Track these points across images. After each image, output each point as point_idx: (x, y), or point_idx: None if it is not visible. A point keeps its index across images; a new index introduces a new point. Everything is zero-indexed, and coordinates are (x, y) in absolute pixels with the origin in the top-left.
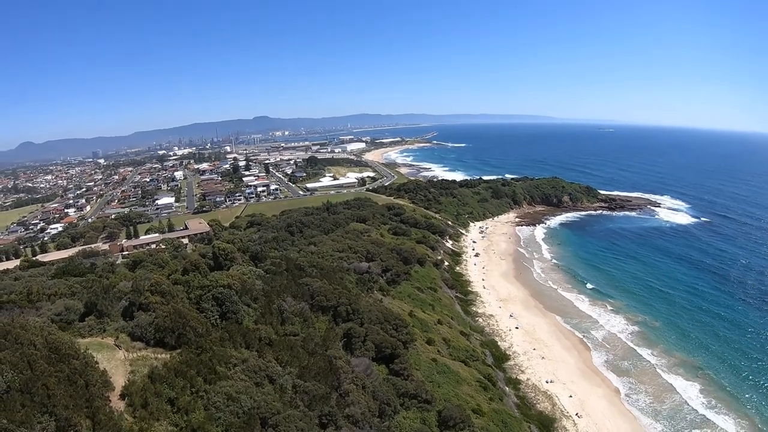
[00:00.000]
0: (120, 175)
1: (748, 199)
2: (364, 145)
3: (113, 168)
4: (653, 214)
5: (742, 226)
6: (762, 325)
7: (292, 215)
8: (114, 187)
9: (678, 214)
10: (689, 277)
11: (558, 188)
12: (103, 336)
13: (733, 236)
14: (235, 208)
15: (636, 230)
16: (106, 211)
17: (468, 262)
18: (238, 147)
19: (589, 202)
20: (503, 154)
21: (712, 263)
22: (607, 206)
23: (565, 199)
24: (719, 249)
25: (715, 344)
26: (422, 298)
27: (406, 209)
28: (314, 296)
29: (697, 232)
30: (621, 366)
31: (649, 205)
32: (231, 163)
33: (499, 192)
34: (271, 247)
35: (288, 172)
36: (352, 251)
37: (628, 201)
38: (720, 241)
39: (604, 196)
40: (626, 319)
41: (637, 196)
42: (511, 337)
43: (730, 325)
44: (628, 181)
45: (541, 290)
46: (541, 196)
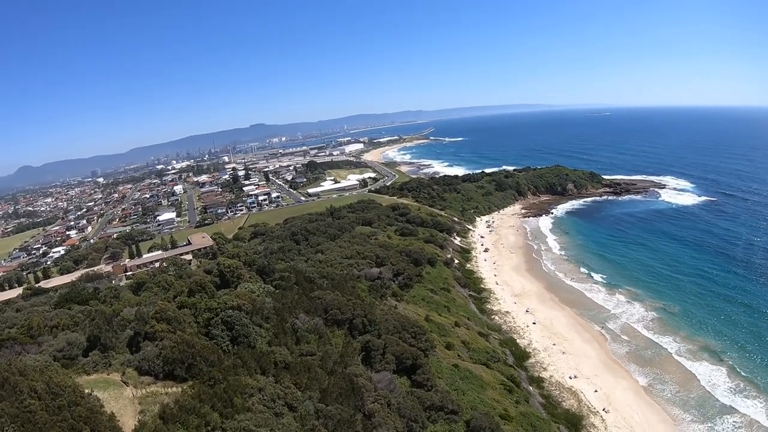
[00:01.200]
0: (119, 193)
1: (750, 176)
2: (362, 146)
3: (112, 186)
4: (659, 196)
5: (747, 203)
6: None
7: (295, 223)
8: (114, 206)
9: (683, 195)
10: (701, 260)
11: (561, 176)
12: (109, 372)
13: (741, 215)
14: (237, 219)
15: (643, 214)
16: (107, 230)
17: (478, 258)
18: (236, 156)
19: (594, 188)
20: (502, 145)
21: (722, 244)
22: (612, 191)
23: (570, 186)
24: (728, 229)
25: (736, 327)
26: (436, 301)
27: (411, 208)
28: (328, 310)
29: (705, 212)
30: (644, 356)
31: (654, 188)
32: (230, 174)
33: (503, 184)
34: (278, 258)
35: (288, 178)
36: (361, 257)
37: (633, 184)
38: (728, 221)
39: (608, 180)
40: (643, 306)
41: (640, 179)
42: (529, 333)
43: (748, 307)
44: (629, 164)
45: (555, 282)
46: (545, 186)
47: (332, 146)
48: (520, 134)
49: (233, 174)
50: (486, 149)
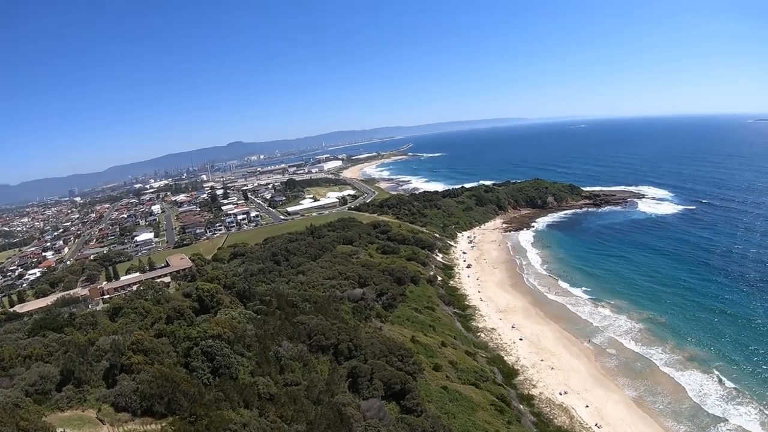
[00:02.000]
0: (97, 212)
1: (726, 183)
2: (340, 163)
3: (90, 206)
4: (638, 206)
5: (725, 211)
6: (763, 310)
7: (275, 243)
8: (91, 226)
9: (662, 204)
10: (682, 270)
11: (541, 189)
12: (84, 408)
13: (718, 223)
14: (216, 238)
15: (624, 225)
16: (84, 251)
17: (461, 275)
18: (215, 175)
19: (574, 200)
20: (480, 160)
21: (702, 253)
22: (592, 203)
23: (550, 199)
24: (707, 238)
25: (721, 336)
26: (422, 320)
27: (392, 226)
28: (312, 336)
29: (684, 221)
30: (633, 368)
31: (633, 198)
32: (208, 193)
33: (483, 199)
34: (258, 280)
35: (267, 197)
36: (343, 277)
37: (612, 195)
38: (706, 229)
39: (587, 192)
40: (629, 318)
41: (620, 190)
42: (516, 349)
43: (731, 315)
44: (608, 176)
45: (539, 297)
46: (525, 199)
47: (311, 164)
48: (497, 148)
49: (211, 193)
50: (464, 164)
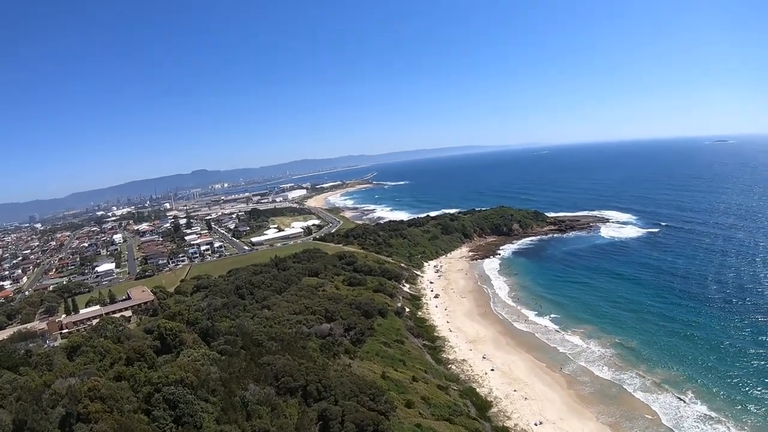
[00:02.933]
0: (57, 240)
1: (687, 206)
2: (305, 192)
3: (50, 233)
4: (603, 231)
5: (688, 233)
6: (730, 328)
7: (240, 275)
8: (51, 254)
9: (626, 228)
10: (649, 293)
11: (506, 217)
12: None
13: (682, 245)
14: (179, 270)
15: (589, 250)
16: (43, 281)
17: (429, 305)
18: (178, 203)
19: (539, 226)
20: (444, 188)
21: (667, 276)
22: (557, 228)
23: (515, 226)
24: (671, 260)
25: (691, 357)
26: (391, 354)
27: (358, 256)
28: (279, 377)
29: (648, 245)
30: (607, 394)
31: (598, 222)
32: (172, 222)
33: (449, 227)
34: (222, 315)
35: (231, 227)
36: (310, 311)
37: (577, 221)
38: (670, 252)
39: (552, 218)
40: (599, 344)
41: (584, 215)
42: (488, 380)
43: (699, 337)
44: (572, 201)
45: (509, 326)
46: (490, 227)
47: (275, 192)
48: (461, 176)
49: (175, 222)
50: (428, 192)
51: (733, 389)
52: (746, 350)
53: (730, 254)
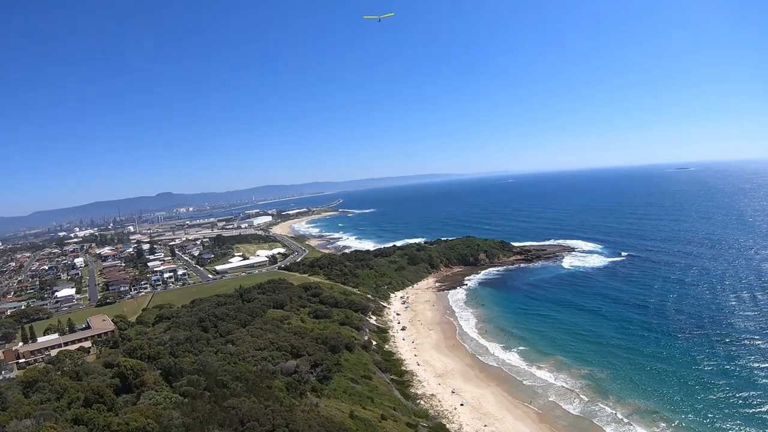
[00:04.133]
0: (17, 261)
1: (651, 234)
2: (270, 219)
3: (10, 253)
4: (569, 260)
5: (653, 263)
6: (696, 359)
7: (203, 306)
8: (10, 276)
9: (592, 257)
10: (617, 323)
11: (473, 247)
12: None
13: (647, 274)
14: (141, 298)
15: (556, 280)
16: (1, 305)
17: (396, 338)
18: (142, 226)
19: (506, 256)
20: (409, 216)
21: (634, 305)
22: (523, 258)
23: (482, 256)
24: (636, 291)
25: (660, 386)
26: (359, 391)
27: (324, 287)
28: (245, 422)
29: (614, 274)
30: (580, 427)
31: (564, 252)
32: (135, 247)
33: (415, 258)
34: (185, 350)
35: (195, 254)
36: (275, 347)
37: (543, 250)
38: (635, 282)
39: (519, 248)
40: (569, 376)
41: (550, 244)
42: (458, 416)
43: (668, 365)
44: (537, 230)
45: (478, 359)
46: (457, 257)
47: (240, 218)
48: (426, 204)
49: (138, 247)
50: (394, 221)
51: (702, 420)
52: (713, 380)
53: (694, 283)
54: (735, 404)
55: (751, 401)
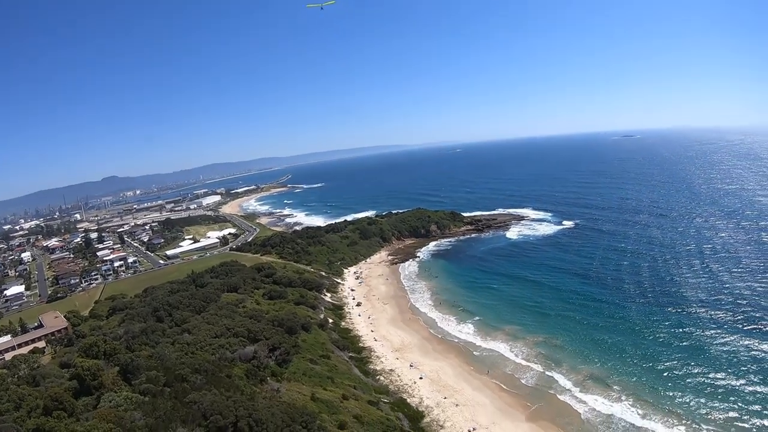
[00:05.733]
0: None
1: (597, 202)
2: (219, 198)
3: None
4: (519, 229)
5: (601, 230)
6: (648, 323)
7: (156, 295)
8: None
9: (542, 225)
10: (569, 290)
11: (424, 219)
12: None
13: (596, 241)
14: (92, 290)
15: (508, 249)
16: None
17: (352, 314)
18: (89, 213)
19: (457, 227)
20: (358, 190)
21: (585, 273)
22: (474, 228)
23: (433, 228)
24: (588, 258)
25: (615, 351)
26: (318, 372)
27: (277, 267)
28: (207, 416)
29: (565, 242)
30: (537, 394)
31: (514, 220)
32: (82, 236)
33: (367, 232)
34: (141, 343)
35: (144, 239)
36: (232, 333)
37: (494, 219)
38: (586, 248)
39: (469, 218)
40: (525, 344)
41: (500, 213)
42: (418, 389)
43: (621, 330)
44: (488, 200)
45: (433, 331)
46: (408, 230)
47: (189, 199)
48: (376, 177)
49: (85, 237)
50: (344, 195)
51: (656, 382)
52: (667, 343)
53: (643, 251)
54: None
55: (699, 367)
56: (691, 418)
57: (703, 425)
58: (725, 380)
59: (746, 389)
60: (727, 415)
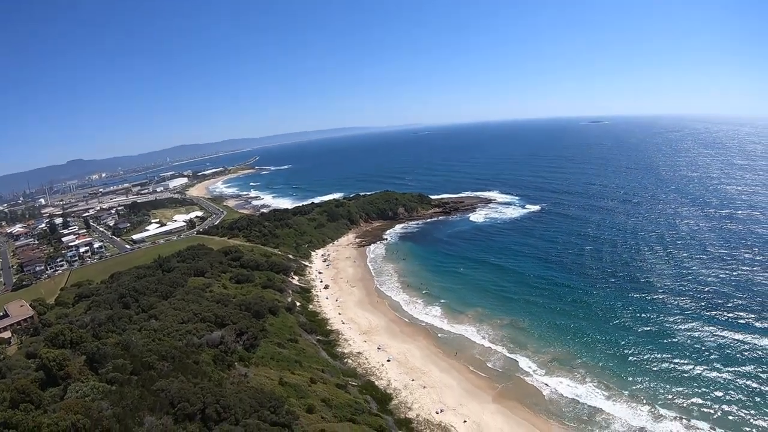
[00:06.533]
0: None
1: (564, 187)
2: (186, 180)
3: None
4: (488, 211)
5: (568, 212)
6: (615, 304)
7: (123, 280)
8: None
9: (510, 208)
10: (538, 269)
11: (391, 201)
12: None
13: (563, 225)
14: (58, 276)
15: (474, 232)
16: None
17: (320, 297)
18: (54, 198)
19: (425, 209)
20: (326, 172)
21: (552, 253)
22: (442, 211)
23: (401, 210)
24: (554, 243)
25: (579, 334)
26: (286, 356)
27: (244, 250)
28: (175, 403)
29: (531, 224)
30: (504, 375)
31: (482, 203)
32: (47, 221)
33: (335, 214)
34: (108, 330)
35: (110, 223)
36: (199, 318)
37: (461, 202)
38: (553, 232)
39: (437, 201)
40: (491, 326)
41: (467, 196)
42: (386, 372)
43: (585, 313)
44: (455, 182)
45: (401, 314)
46: (376, 212)
47: (156, 182)
48: (344, 159)
49: (50, 222)
50: (311, 177)
51: (620, 366)
52: (630, 328)
53: (608, 236)
54: (648, 354)
55: (662, 353)
56: (653, 401)
57: (665, 410)
58: (688, 365)
59: (709, 375)
60: (690, 401)
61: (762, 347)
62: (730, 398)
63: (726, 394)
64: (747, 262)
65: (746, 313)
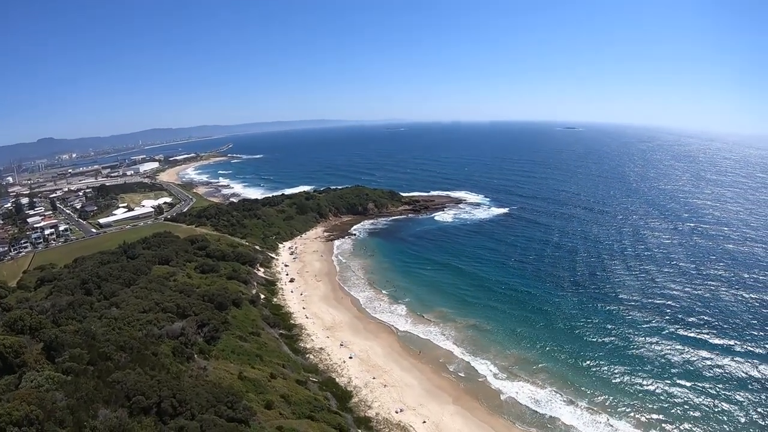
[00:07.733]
0: None
1: (533, 192)
2: (157, 165)
3: None
4: (458, 212)
5: (537, 219)
6: (580, 314)
7: (86, 265)
8: None
9: (478, 210)
10: (502, 277)
11: (362, 196)
12: None
13: (530, 229)
14: (21, 258)
15: (444, 231)
16: None
17: (284, 290)
18: (22, 176)
19: (395, 206)
20: (298, 163)
21: (518, 259)
22: (412, 209)
23: (371, 206)
24: (521, 244)
25: (541, 340)
26: (247, 350)
27: (211, 239)
28: (131, 396)
29: (499, 228)
30: (465, 377)
31: (451, 203)
32: (13, 201)
33: (304, 207)
34: (68, 317)
35: (77, 206)
36: (161, 308)
37: (431, 201)
38: (520, 236)
39: (407, 198)
40: (455, 327)
41: (438, 195)
42: (347, 369)
43: (549, 319)
44: (426, 181)
45: (365, 310)
46: (346, 206)
47: (126, 165)
48: (315, 152)
49: (16, 202)
50: (283, 167)
51: (580, 372)
52: (592, 339)
53: (576, 245)
54: (609, 366)
55: (623, 365)
56: (611, 412)
57: (623, 422)
58: (648, 379)
59: (669, 390)
60: (650, 416)
61: (724, 364)
62: (689, 415)
63: (685, 412)
64: (713, 277)
65: (710, 329)
